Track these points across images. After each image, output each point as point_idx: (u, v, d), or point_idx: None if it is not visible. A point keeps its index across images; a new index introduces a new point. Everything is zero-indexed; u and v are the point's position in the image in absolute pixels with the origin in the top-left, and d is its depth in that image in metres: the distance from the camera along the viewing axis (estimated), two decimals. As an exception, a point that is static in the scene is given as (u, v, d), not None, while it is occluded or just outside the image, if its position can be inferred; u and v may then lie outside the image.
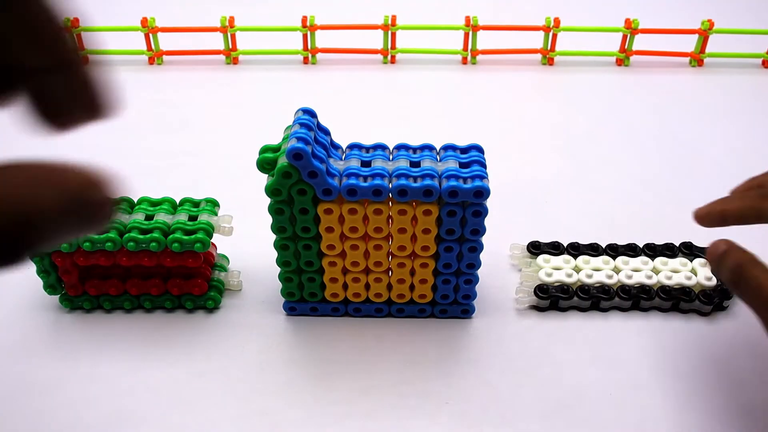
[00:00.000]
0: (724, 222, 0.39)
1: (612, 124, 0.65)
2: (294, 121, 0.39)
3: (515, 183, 0.57)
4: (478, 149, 0.41)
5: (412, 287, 0.43)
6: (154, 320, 0.45)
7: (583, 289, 0.44)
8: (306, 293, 0.43)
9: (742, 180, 0.57)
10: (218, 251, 0.47)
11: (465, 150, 0.41)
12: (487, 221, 0.40)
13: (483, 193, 0.38)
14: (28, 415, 0.39)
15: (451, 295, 0.43)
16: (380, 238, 0.40)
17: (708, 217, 0.40)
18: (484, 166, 0.39)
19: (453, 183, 0.37)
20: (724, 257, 0.37)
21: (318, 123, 0.40)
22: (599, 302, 0.45)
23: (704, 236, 0.43)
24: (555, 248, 0.48)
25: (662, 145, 0.62)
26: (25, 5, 0.19)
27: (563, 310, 0.45)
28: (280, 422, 0.39)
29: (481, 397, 0.40)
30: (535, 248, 0.48)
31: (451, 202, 0.38)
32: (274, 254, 0.49)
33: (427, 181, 0.37)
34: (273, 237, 0.50)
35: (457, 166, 0.39)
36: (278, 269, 0.43)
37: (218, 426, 0.38)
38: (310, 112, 0.40)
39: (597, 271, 0.46)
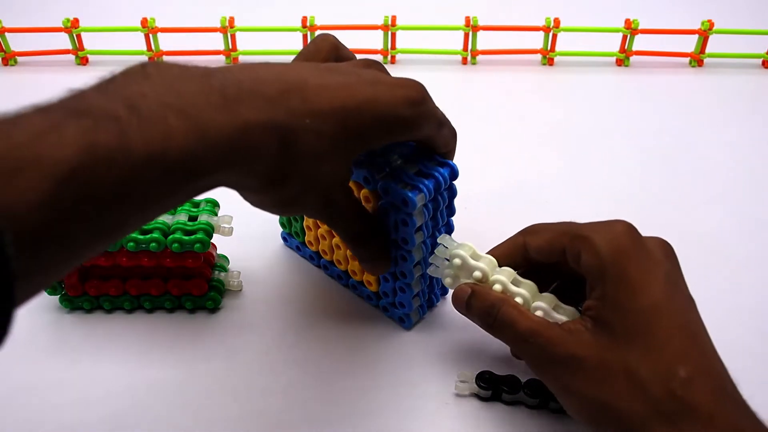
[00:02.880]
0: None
1: (612, 125, 0.64)
2: None
3: (515, 183, 0.57)
4: (453, 169, 0.39)
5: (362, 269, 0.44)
6: (154, 321, 0.45)
7: (531, 385, 0.39)
8: (293, 230, 0.48)
9: (742, 180, 0.57)
10: (218, 251, 0.47)
11: (441, 164, 0.39)
12: (485, 222, 0.40)
13: (408, 203, 0.37)
14: (29, 415, 0.39)
15: (390, 296, 0.43)
16: None
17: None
18: (437, 185, 0.38)
19: (390, 182, 0.37)
20: (473, 300, 0.38)
21: None
22: (548, 402, 0.39)
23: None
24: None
25: (662, 145, 0.62)
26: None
27: (508, 403, 0.40)
28: (280, 422, 0.39)
29: None
30: None
31: (384, 198, 0.38)
32: (274, 255, 0.49)
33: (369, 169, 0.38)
34: (272, 238, 0.50)
35: (416, 172, 0.38)
36: (277, 271, 0.44)
37: (218, 426, 0.38)
38: None
39: None
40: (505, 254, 0.39)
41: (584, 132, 0.64)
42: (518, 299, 0.37)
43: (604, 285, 0.33)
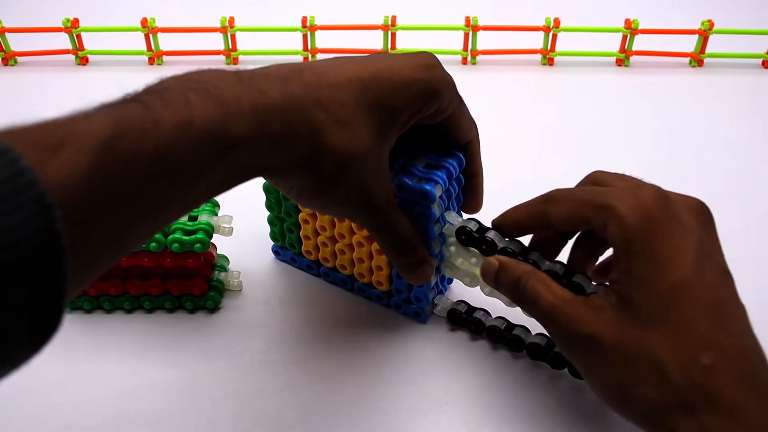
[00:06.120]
0: (517, 230, 0.39)
1: (612, 125, 0.64)
2: None
3: (515, 183, 0.56)
4: (460, 158, 0.40)
5: (371, 271, 0.43)
6: (154, 321, 0.45)
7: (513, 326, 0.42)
8: (287, 242, 0.47)
9: (742, 179, 0.57)
10: (218, 251, 0.47)
11: (447, 154, 0.40)
12: (485, 222, 0.40)
13: (428, 195, 0.37)
14: (28, 415, 0.39)
15: (404, 292, 0.43)
16: None
17: (502, 224, 0.39)
18: (449, 175, 0.39)
19: (403, 177, 0.38)
20: (500, 273, 0.37)
21: None
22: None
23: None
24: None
25: (662, 145, 0.62)
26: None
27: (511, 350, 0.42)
28: (280, 422, 0.39)
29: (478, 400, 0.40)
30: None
31: (399, 195, 0.38)
32: (274, 255, 0.49)
33: None
34: (272, 239, 0.50)
35: (425, 165, 0.39)
36: (277, 271, 0.44)
37: (218, 426, 0.38)
38: None
39: None
40: (523, 221, 0.38)
41: (584, 132, 0.64)
42: None
43: (629, 259, 0.32)
